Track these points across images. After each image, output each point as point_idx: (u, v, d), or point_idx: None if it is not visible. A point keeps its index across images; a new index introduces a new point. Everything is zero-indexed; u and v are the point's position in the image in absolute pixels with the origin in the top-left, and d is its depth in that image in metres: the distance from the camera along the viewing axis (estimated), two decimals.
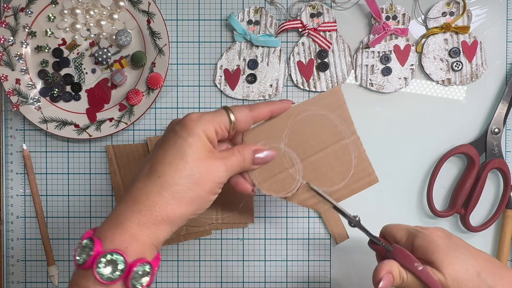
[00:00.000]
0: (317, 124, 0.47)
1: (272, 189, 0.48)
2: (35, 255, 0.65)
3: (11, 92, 0.61)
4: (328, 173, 0.48)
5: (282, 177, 0.47)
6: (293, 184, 0.48)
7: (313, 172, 0.48)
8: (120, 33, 0.60)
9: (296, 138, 0.47)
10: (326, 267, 0.64)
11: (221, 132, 0.43)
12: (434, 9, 0.62)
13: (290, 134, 0.47)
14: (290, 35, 0.63)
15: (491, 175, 0.63)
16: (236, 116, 0.43)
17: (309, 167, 0.47)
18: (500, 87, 0.63)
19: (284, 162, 0.47)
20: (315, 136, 0.47)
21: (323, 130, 0.47)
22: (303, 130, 0.47)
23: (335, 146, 0.47)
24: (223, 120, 0.43)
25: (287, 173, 0.47)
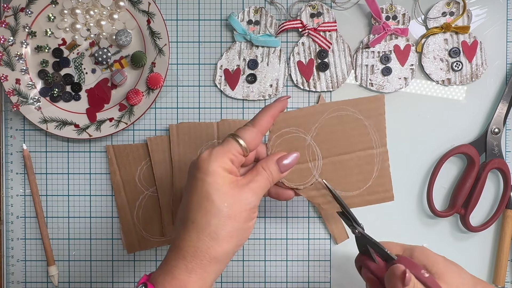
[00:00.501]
0: (350, 126, 0.46)
1: (287, 178, 0.47)
2: (35, 255, 0.65)
3: (11, 92, 0.61)
4: (346, 178, 0.47)
5: (300, 168, 0.47)
6: (308, 178, 0.47)
7: (332, 172, 0.47)
8: (120, 33, 0.60)
9: (325, 134, 0.46)
10: (326, 267, 0.64)
11: (237, 159, 0.43)
12: (434, 9, 0.62)
13: (320, 128, 0.46)
14: (290, 35, 0.63)
15: (491, 175, 0.63)
16: (245, 139, 0.44)
17: (329, 167, 0.47)
18: (500, 87, 0.63)
19: (306, 154, 0.47)
20: (345, 138, 0.46)
21: (354, 134, 0.46)
22: (334, 128, 0.46)
23: (361, 153, 0.47)
24: (234, 148, 0.43)
25: (306, 165, 0.47)
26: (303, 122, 0.46)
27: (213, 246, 0.41)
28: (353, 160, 0.47)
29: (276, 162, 0.45)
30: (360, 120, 0.46)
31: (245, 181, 0.43)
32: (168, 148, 0.62)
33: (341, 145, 0.47)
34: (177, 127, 0.62)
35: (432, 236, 0.64)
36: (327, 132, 0.46)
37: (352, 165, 0.47)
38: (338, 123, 0.46)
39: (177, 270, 0.41)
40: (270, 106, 0.46)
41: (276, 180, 0.46)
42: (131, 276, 0.65)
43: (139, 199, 0.63)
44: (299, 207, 0.64)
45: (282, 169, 0.45)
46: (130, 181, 0.63)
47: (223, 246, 0.41)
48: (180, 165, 0.62)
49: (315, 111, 0.46)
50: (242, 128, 0.45)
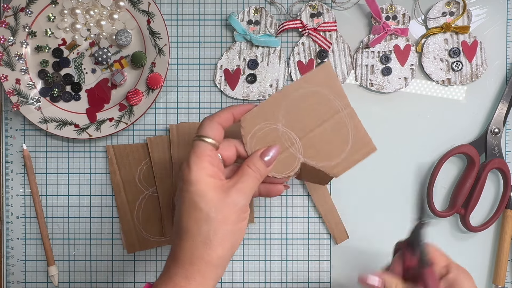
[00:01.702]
0: (312, 101, 0.47)
1: (275, 170, 0.47)
2: (35, 255, 0.65)
3: (11, 92, 0.61)
4: (327, 148, 0.48)
5: (283, 157, 0.47)
6: (294, 163, 0.48)
7: (313, 148, 0.48)
8: (120, 33, 0.60)
9: (293, 117, 0.47)
10: (326, 267, 0.64)
11: (214, 159, 0.44)
12: (434, 9, 0.62)
13: (286, 114, 0.47)
14: (290, 35, 0.63)
15: (491, 175, 0.63)
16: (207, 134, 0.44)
17: (308, 144, 0.47)
18: (500, 87, 0.63)
19: (283, 142, 0.47)
20: (311, 113, 0.47)
21: (318, 106, 0.47)
22: (298, 108, 0.47)
23: (331, 121, 0.47)
24: (206, 148, 0.43)
25: (287, 152, 0.47)
26: (269, 114, 0.47)
27: (208, 252, 0.41)
28: (327, 130, 0.47)
29: (260, 158, 0.46)
30: (318, 92, 0.47)
31: (231, 183, 0.44)
32: (168, 148, 0.62)
33: (311, 120, 0.47)
34: (177, 127, 0.62)
35: (432, 236, 0.63)
36: (294, 114, 0.47)
37: (328, 134, 0.47)
38: (300, 102, 0.47)
39: (178, 278, 0.42)
40: (232, 105, 0.47)
41: (264, 175, 0.46)
42: (131, 276, 0.65)
43: (139, 199, 0.63)
44: (299, 207, 0.64)
45: (267, 163, 0.46)
46: (130, 181, 0.63)
47: (217, 251, 0.41)
48: (180, 165, 0.62)
49: (275, 100, 0.47)
50: (199, 126, 0.45)
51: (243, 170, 0.45)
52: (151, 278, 0.64)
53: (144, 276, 0.64)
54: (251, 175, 0.45)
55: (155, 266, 0.65)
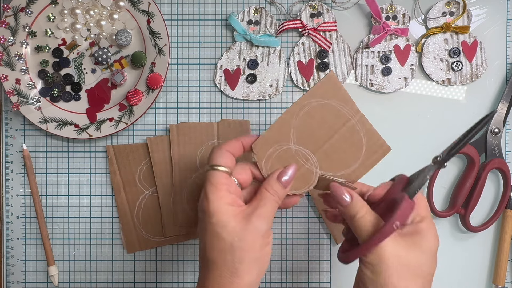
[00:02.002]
0: (321, 114, 0.47)
1: (294, 187, 0.47)
2: (35, 255, 0.65)
3: (11, 92, 0.61)
4: (342, 157, 0.48)
5: (300, 174, 0.47)
6: (312, 178, 0.48)
7: (328, 160, 0.48)
8: (120, 33, 0.60)
9: (304, 133, 0.47)
10: (326, 267, 0.64)
11: (231, 186, 0.44)
12: (434, 9, 0.62)
13: (297, 132, 0.47)
14: (290, 35, 0.63)
15: (491, 175, 0.63)
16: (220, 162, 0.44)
17: (323, 156, 0.47)
18: (500, 87, 0.63)
19: (299, 160, 0.47)
20: (322, 126, 0.47)
21: (327, 118, 0.47)
22: (308, 124, 0.47)
23: (343, 129, 0.47)
24: (220, 177, 0.43)
25: (304, 169, 0.47)
26: (279, 136, 0.47)
27: (236, 281, 0.41)
28: (339, 139, 0.48)
29: (277, 180, 0.45)
30: (326, 104, 0.47)
31: (250, 209, 0.43)
32: (168, 148, 0.62)
33: (323, 133, 0.47)
34: (177, 127, 0.62)
35: None
36: (305, 131, 0.47)
37: (341, 144, 0.48)
38: (310, 117, 0.47)
39: None
40: (242, 136, 0.47)
41: (283, 197, 0.46)
42: (131, 276, 0.65)
43: (139, 199, 0.63)
44: (299, 207, 0.64)
45: (284, 184, 0.45)
46: (130, 181, 0.63)
47: (245, 279, 0.41)
48: (180, 165, 0.62)
49: (284, 121, 0.47)
50: (210, 156, 0.45)
51: (261, 194, 0.45)
52: (151, 278, 0.65)
53: (144, 276, 0.64)
54: (269, 198, 0.44)
55: (155, 266, 0.65)
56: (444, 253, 0.64)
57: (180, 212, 0.62)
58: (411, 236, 0.43)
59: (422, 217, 0.45)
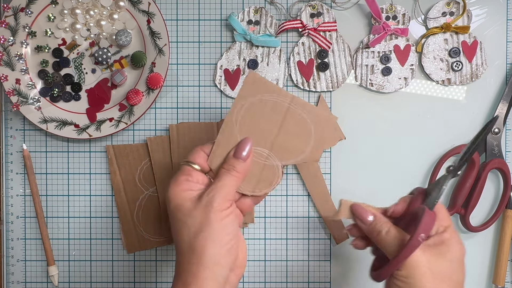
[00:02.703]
0: (258, 111, 0.48)
1: (264, 187, 0.49)
2: (35, 255, 0.65)
3: (11, 92, 0.61)
4: (296, 142, 0.49)
5: (265, 173, 0.49)
6: (277, 172, 0.49)
7: (284, 150, 0.49)
8: (120, 33, 0.60)
9: (251, 135, 0.48)
10: (326, 267, 0.64)
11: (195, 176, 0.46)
12: (434, 9, 0.62)
13: (244, 136, 0.48)
14: (290, 35, 0.63)
15: (491, 175, 0.63)
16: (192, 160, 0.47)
17: (278, 149, 0.49)
18: (500, 87, 0.63)
19: (257, 160, 0.49)
20: (265, 121, 0.48)
21: (266, 112, 0.48)
22: (251, 124, 0.48)
23: (285, 117, 0.49)
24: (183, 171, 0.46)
25: (266, 166, 0.49)
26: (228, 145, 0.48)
27: (193, 256, 0.43)
28: (287, 127, 0.49)
29: (234, 156, 0.47)
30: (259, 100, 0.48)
31: (205, 189, 0.45)
32: (168, 148, 0.62)
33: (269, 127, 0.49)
34: (177, 127, 0.62)
35: None
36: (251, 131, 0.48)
37: (289, 132, 0.49)
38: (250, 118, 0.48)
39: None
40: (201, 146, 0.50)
41: (244, 171, 0.47)
42: (131, 276, 0.65)
43: (139, 199, 0.63)
44: (299, 207, 0.64)
45: (244, 158, 0.47)
46: (130, 181, 0.63)
47: (203, 253, 0.42)
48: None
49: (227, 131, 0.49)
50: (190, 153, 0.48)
51: (218, 172, 0.47)
52: (151, 278, 0.65)
53: (144, 276, 0.64)
54: (226, 174, 0.46)
55: (155, 266, 0.65)
56: None
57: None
58: (437, 246, 0.44)
59: (444, 227, 0.46)
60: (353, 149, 0.63)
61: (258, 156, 0.49)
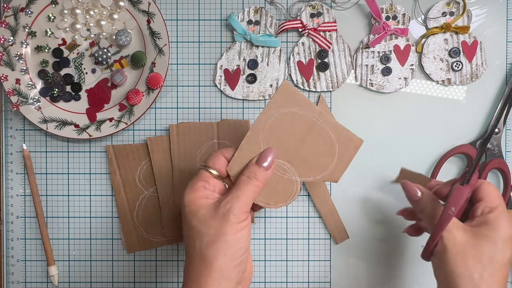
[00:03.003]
0: (285, 123, 0.48)
1: (279, 201, 0.48)
2: (35, 255, 0.65)
3: (11, 92, 0.61)
4: (318, 159, 0.48)
5: (282, 186, 0.48)
6: (294, 187, 0.48)
7: (305, 166, 0.48)
8: (120, 33, 0.60)
9: (275, 146, 0.47)
10: (326, 267, 0.64)
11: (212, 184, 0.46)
12: (434, 9, 0.62)
13: (267, 145, 0.47)
14: (290, 35, 0.63)
15: (491, 175, 0.63)
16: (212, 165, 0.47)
17: (299, 163, 0.48)
18: (500, 87, 0.63)
19: (276, 172, 0.48)
20: (290, 134, 0.48)
21: (293, 125, 0.48)
22: (276, 136, 0.47)
23: (311, 133, 0.48)
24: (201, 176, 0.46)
25: (284, 180, 0.48)
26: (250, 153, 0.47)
27: (204, 266, 0.42)
28: (310, 143, 0.48)
29: (256, 164, 0.46)
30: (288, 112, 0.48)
31: (223, 197, 0.44)
32: (168, 148, 0.62)
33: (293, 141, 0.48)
34: (177, 127, 0.62)
35: None
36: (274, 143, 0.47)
37: (312, 147, 0.48)
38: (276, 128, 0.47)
39: None
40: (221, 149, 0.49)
41: (264, 179, 0.46)
42: (131, 276, 0.65)
43: (139, 199, 0.63)
44: (299, 207, 0.64)
45: (267, 167, 0.46)
46: (130, 181, 0.63)
47: (213, 264, 0.42)
48: (180, 165, 0.62)
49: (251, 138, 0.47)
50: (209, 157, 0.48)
51: (237, 180, 0.46)
52: (151, 278, 0.65)
53: (144, 276, 0.65)
54: (246, 182, 0.45)
55: (155, 266, 0.65)
56: None
57: (180, 212, 0.62)
58: (479, 226, 0.45)
59: (491, 208, 0.46)
60: None
61: (278, 168, 0.48)
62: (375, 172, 0.63)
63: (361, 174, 0.63)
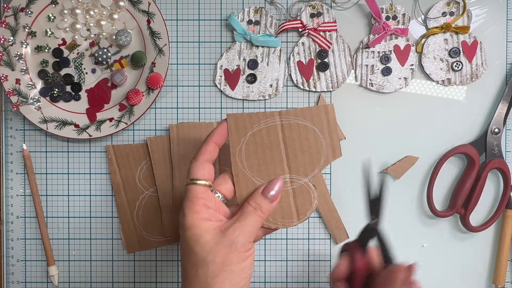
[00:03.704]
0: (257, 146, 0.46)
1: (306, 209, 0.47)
2: (35, 255, 0.65)
3: (11, 92, 0.61)
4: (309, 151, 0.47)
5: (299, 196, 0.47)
6: (308, 188, 0.47)
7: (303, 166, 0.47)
8: (120, 33, 0.60)
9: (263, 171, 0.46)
10: (326, 267, 0.64)
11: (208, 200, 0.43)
12: (434, 9, 0.62)
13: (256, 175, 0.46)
14: (290, 35, 0.63)
15: (491, 175, 0.63)
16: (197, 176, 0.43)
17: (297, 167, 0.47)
18: (500, 87, 0.63)
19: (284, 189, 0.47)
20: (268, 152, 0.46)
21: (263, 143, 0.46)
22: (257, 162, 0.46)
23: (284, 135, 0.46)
24: (197, 192, 0.43)
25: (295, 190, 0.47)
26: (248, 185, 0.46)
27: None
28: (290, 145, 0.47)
29: (262, 194, 0.44)
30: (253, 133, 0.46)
31: (229, 223, 0.42)
32: (168, 148, 0.62)
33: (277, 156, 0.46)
34: (177, 127, 0.62)
35: (432, 236, 0.64)
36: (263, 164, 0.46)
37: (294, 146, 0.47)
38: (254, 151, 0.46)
39: None
40: (209, 134, 0.46)
41: (268, 212, 0.44)
42: (131, 276, 0.65)
43: (139, 199, 0.63)
44: None
45: (271, 199, 0.44)
46: (130, 181, 0.63)
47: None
48: (180, 165, 0.62)
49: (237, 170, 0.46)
50: (188, 170, 0.44)
51: (243, 208, 0.44)
52: (151, 278, 0.65)
53: (144, 276, 0.65)
54: (251, 212, 0.43)
55: (155, 266, 0.65)
56: (444, 253, 0.64)
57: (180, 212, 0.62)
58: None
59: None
60: (353, 149, 0.63)
61: (284, 185, 0.46)
62: (375, 172, 0.63)
63: (361, 173, 0.63)
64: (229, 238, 0.41)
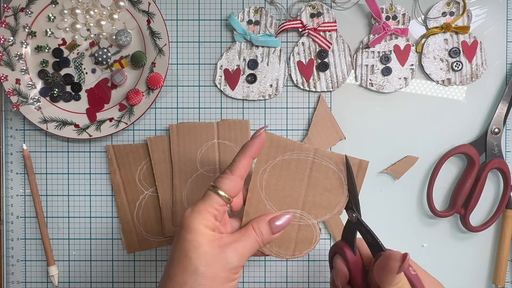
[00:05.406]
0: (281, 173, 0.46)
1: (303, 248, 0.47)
2: (35, 255, 0.65)
3: (11, 92, 0.61)
4: (327, 196, 0.46)
5: (302, 234, 0.46)
6: (314, 230, 0.47)
7: (316, 207, 0.46)
8: (120, 33, 0.60)
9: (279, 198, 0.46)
10: (326, 267, 0.64)
11: (220, 212, 0.42)
12: (434, 9, 0.62)
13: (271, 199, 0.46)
14: (290, 35, 0.63)
15: (491, 175, 0.63)
16: (224, 189, 0.42)
17: (310, 206, 0.46)
18: (500, 87, 0.63)
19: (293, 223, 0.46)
20: (290, 182, 0.46)
21: (289, 172, 0.46)
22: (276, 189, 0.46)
23: (311, 173, 0.46)
24: (215, 202, 0.42)
25: (301, 227, 0.46)
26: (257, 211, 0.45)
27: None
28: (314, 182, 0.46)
29: (268, 223, 0.44)
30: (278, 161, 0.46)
31: (229, 240, 0.42)
32: (168, 148, 0.62)
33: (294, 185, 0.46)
34: (177, 127, 0.62)
35: (432, 236, 0.64)
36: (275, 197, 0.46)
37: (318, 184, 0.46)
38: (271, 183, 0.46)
39: None
40: (247, 146, 0.44)
41: (267, 242, 0.44)
42: (131, 276, 0.65)
43: (139, 199, 0.63)
44: None
45: (274, 230, 0.44)
46: (130, 181, 0.63)
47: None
48: (180, 165, 0.62)
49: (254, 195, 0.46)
50: (220, 177, 0.43)
51: (246, 229, 0.44)
52: (151, 278, 0.65)
53: (144, 276, 0.64)
54: (252, 236, 0.43)
55: (155, 266, 0.65)
56: (444, 253, 0.64)
57: (180, 212, 0.62)
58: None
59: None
60: (353, 149, 0.63)
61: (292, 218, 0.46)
62: (375, 172, 0.63)
63: None
64: (225, 256, 0.41)
